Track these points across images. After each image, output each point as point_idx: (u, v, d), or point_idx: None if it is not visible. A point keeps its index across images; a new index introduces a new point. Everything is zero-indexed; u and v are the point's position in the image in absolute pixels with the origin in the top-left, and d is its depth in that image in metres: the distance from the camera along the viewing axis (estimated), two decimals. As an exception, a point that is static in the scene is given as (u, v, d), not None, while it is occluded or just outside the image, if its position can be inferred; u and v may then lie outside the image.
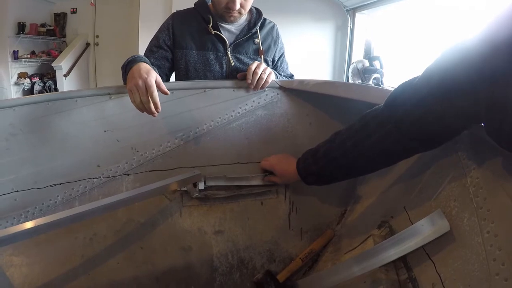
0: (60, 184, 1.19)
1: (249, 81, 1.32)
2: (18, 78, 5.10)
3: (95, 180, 1.23)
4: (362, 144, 0.94)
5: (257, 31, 1.53)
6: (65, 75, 5.17)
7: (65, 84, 5.19)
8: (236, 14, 1.44)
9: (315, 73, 4.73)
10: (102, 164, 1.23)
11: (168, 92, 1.16)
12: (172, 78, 1.59)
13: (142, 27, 4.27)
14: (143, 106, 1.10)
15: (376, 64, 3.33)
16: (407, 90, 0.86)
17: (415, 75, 0.85)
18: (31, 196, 1.16)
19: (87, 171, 1.22)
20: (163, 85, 1.14)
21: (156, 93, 1.10)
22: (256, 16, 1.56)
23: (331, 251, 1.33)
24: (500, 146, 0.67)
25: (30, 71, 5.33)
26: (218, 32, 1.47)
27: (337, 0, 4.57)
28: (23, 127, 1.13)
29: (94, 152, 1.22)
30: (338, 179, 1.11)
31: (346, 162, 1.01)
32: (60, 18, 5.70)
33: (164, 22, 1.52)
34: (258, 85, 1.33)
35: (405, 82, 0.88)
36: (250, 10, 1.56)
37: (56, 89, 5.29)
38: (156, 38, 1.50)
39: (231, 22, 1.50)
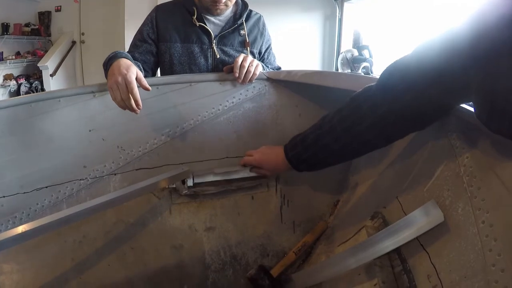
0: (46, 187, 1.16)
1: (237, 75, 1.29)
2: (3, 80, 5.03)
3: (81, 181, 1.20)
4: (355, 128, 0.93)
5: (243, 22, 1.50)
6: (51, 75, 5.09)
7: (52, 84, 5.11)
8: (222, 7, 1.42)
9: (304, 63, 4.69)
10: (88, 165, 1.20)
11: (150, 88, 1.13)
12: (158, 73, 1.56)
13: (128, 23, 4.20)
14: (124, 104, 1.08)
15: (365, 53, 3.33)
16: (398, 71, 0.85)
17: (405, 55, 0.85)
18: (18, 201, 1.13)
19: (73, 172, 1.19)
20: (144, 81, 1.12)
21: (136, 90, 1.07)
22: (242, 7, 1.53)
23: (325, 243, 1.32)
24: (490, 130, 0.66)
25: (15, 73, 5.25)
26: (203, 24, 1.44)
27: (325, -11, 4.54)
28: (6, 130, 1.10)
29: (79, 152, 1.19)
30: (331, 164, 1.09)
31: (338, 147, 0.99)
32: (44, 17, 5.59)
33: (148, 15, 1.49)
34: (246, 79, 1.30)
35: (396, 62, 0.87)
36: (236, 1, 1.53)
37: (43, 90, 5.20)
38: (140, 32, 1.47)
39: (218, 14, 1.46)
